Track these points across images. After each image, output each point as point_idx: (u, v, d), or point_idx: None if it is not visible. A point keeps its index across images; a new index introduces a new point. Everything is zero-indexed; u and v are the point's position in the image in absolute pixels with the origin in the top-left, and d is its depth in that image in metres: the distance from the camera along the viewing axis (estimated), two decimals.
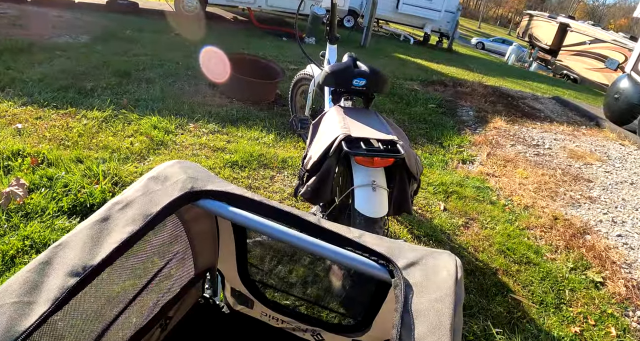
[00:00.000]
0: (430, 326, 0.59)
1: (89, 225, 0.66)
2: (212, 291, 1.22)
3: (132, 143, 2.87)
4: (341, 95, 2.00)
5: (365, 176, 1.47)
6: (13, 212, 2.07)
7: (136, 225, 0.66)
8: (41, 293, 0.56)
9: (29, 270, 0.59)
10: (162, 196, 0.71)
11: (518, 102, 5.59)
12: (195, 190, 0.73)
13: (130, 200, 0.70)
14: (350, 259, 0.69)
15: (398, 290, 0.63)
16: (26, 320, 0.53)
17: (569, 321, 2.08)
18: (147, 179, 0.75)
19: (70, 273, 0.59)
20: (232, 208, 0.73)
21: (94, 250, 0.62)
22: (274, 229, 0.71)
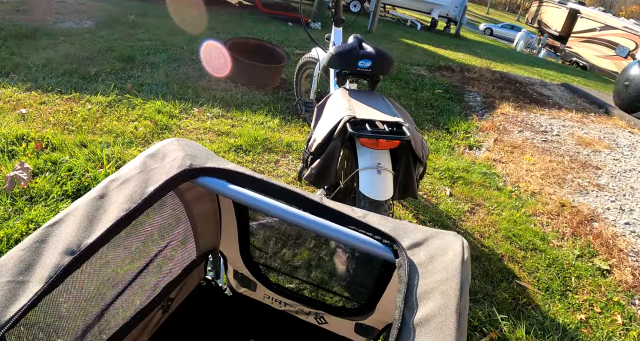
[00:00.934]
0: (435, 308, 0.57)
1: (85, 202, 0.64)
2: (215, 274, 1.21)
3: (136, 128, 2.85)
4: (346, 78, 1.96)
5: (370, 158, 1.44)
6: (17, 196, 2.07)
7: (133, 202, 0.64)
8: (35, 272, 0.54)
9: (23, 248, 0.57)
10: (159, 173, 0.69)
11: (526, 88, 5.50)
12: (194, 167, 0.71)
13: (127, 178, 0.68)
14: (353, 238, 0.67)
15: (402, 270, 0.61)
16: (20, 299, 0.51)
17: (574, 308, 2.06)
18: (145, 156, 0.73)
19: (65, 251, 0.57)
20: (232, 186, 0.71)
21: (90, 228, 0.60)
22: (275, 207, 0.69)
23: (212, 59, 3.71)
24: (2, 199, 2.03)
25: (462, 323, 0.57)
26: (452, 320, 0.55)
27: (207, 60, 3.64)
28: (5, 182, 2.13)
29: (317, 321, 1.18)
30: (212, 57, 3.74)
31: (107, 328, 0.80)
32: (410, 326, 0.54)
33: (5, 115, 2.78)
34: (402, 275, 0.60)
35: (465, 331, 0.58)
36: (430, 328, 0.54)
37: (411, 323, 0.55)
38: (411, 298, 0.58)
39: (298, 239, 1.06)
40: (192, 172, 0.70)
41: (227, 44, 3.79)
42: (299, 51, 5.18)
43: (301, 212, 0.69)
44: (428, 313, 0.56)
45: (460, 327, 0.56)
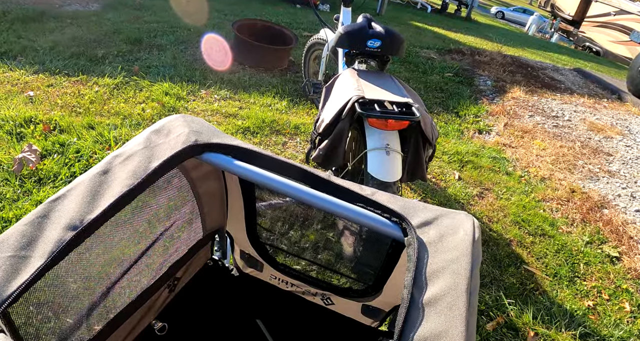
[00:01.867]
0: (445, 287, 0.55)
1: (88, 178, 0.63)
2: (221, 254, 1.21)
3: (144, 110, 2.84)
4: (355, 58, 1.92)
5: (378, 139, 1.42)
6: (26, 178, 2.08)
7: (136, 178, 0.63)
8: (37, 247, 0.54)
9: (25, 223, 0.56)
10: (164, 149, 0.68)
11: (538, 73, 5.39)
12: (199, 143, 0.69)
13: (131, 153, 0.67)
14: (362, 216, 0.65)
15: (411, 249, 0.60)
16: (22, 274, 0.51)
17: (582, 294, 2.05)
18: (149, 132, 0.71)
19: (68, 226, 0.56)
20: (238, 162, 0.69)
21: (93, 203, 0.59)
22: (282, 184, 0.67)
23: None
24: (11, 181, 2.04)
25: (473, 303, 0.56)
26: (462, 300, 0.54)
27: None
28: (14, 164, 2.14)
29: (323, 302, 1.17)
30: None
31: (114, 306, 0.80)
32: (420, 305, 0.53)
33: (13, 97, 2.79)
34: (411, 254, 0.59)
35: (475, 311, 0.57)
36: (440, 307, 0.52)
37: (420, 302, 0.53)
38: (420, 277, 0.56)
39: (305, 220, 1.05)
40: (198, 147, 0.69)
41: (234, 26, 3.74)
42: (306, 33, 5.11)
43: (309, 188, 0.67)
44: (438, 293, 0.54)
45: (471, 307, 0.55)
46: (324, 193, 0.66)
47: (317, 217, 1.04)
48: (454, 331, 0.49)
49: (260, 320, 1.16)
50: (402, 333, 0.49)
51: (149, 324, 0.97)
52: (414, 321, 0.50)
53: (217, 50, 3.75)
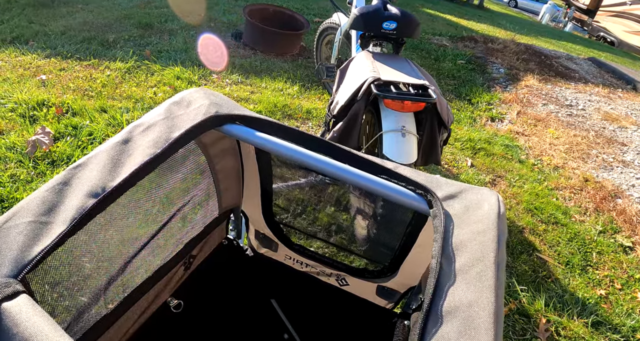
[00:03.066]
0: (473, 258, 0.55)
1: (109, 146, 0.62)
2: (236, 233, 1.21)
3: (156, 94, 2.84)
4: (370, 40, 1.90)
5: (394, 121, 1.40)
6: (40, 160, 2.09)
7: (157, 148, 0.62)
8: (59, 213, 0.53)
9: (47, 189, 0.56)
10: (185, 120, 0.67)
11: (552, 61, 5.30)
12: (220, 114, 0.68)
13: (152, 123, 0.66)
14: (386, 188, 0.64)
15: (437, 220, 0.59)
16: (43, 239, 0.50)
17: (594, 283, 2.03)
18: (170, 103, 0.71)
19: (89, 194, 0.56)
20: (260, 133, 0.68)
21: (114, 171, 0.59)
22: (304, 155, 0.66)
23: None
24: (25, 163, 2.05)
25: (501, 276, 0.55)
26: (491, 270, 0.53)
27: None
28: (27, 146, 2.15)
29: (338, 282, 1.17)
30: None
31: (130, 283, 0.80)
32: (449, 274, 0.52)
33: (26, 81, 2.80)
34: (438, 225, 0.58)
35: (503, 284, 0.56)
36: (469, 277, 0.51)
37: (450, 271, 0.52)
38: (448, 248, 0.55)
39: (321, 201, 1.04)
40: (218, 118, 0.68)
41: (245, 11, 3.71)
42: (317, 19, 5.06)
43: (333, 160, 0.66)
44: (466, 263, 0.53)
45: (499, 279, 0.54)
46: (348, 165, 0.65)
47: (333, 197, 1.03)
48: (484, 301, 0.48)
49: (275, 300, 1.16)
50: (432, 301, 0.48)
51: (164, 301, 0.97)
52: (444, 289, 0.50)
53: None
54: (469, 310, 0.48)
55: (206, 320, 1.11)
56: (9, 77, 2.83)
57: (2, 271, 0.45)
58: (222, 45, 3.79)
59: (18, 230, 0.49)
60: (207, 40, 3.87)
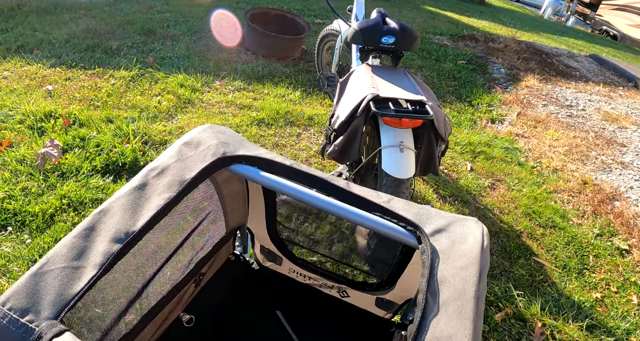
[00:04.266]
0: (454, 293, 0.60)
1: (127, 192, 0.68)
2: (242, 249, 1.27)
3: (160, 102, 2.90)
4: (369, 53, 1.95)
5: (392, 137, 1.46)
6: (49, 172, 2.15)
7: (172, 191, 0.68)
8: (88, 258, 0.59)
9: (75, 236, 0.62)
10: (195, 162, 0.73)
11: (552, 60, 5.32)
12: (227, 155, 0.74)
13: (165, 167, 0.72)
14: (379, 224, 0.70)
15: (425, 256, 0.64)
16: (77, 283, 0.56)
17: (590, 286, 2.08)
18: (180, 145, 0.77)
19: (114, 239, 0.62)
20: (263, 173, 0.74)
21: (134, 216, 0.65)
22: (304, 194, 0.72)
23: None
24: (35, 175, 2.11)
25: (480, 308, 0.61)
26: (470, 305, 0.58)
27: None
28: (37, 159, 2.21)
29: (339, 294, 1.23)
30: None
31: (148, 302, 0.86)
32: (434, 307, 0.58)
33: (33, 92, 2.86)
34: (425, 261, 0.63)
35: (482, 315, 0.62)
36: (450, 311, 0.57)
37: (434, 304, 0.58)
38: (433, 283, 0.61)
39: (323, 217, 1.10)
40: (226, 159, 0.74)
41: (247, 15, 3.76)
42: (318, 20, 5.09)
43: (329, 198, 0.72)
44: (448, 298, 0.59)
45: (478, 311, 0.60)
46: (343, 203, 0.71)
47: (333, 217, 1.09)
48: (463, 334, 0.54)
49: (280, 311, 1.22)
50: (417, 334, 0.54)
51: (177, 317, 1.03)
52: (427, 323, 0.55)
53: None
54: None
55: (216, 332, 1.18)
56: (16, 87, 2.89)
57: (44, 314, 0.51)
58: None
59: (53, 275, 0.55)
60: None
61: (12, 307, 0.52)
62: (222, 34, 3.63)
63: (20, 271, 1.67)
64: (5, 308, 0.52)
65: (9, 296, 0.53)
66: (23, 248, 1.76)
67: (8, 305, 0.52)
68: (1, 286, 1.60)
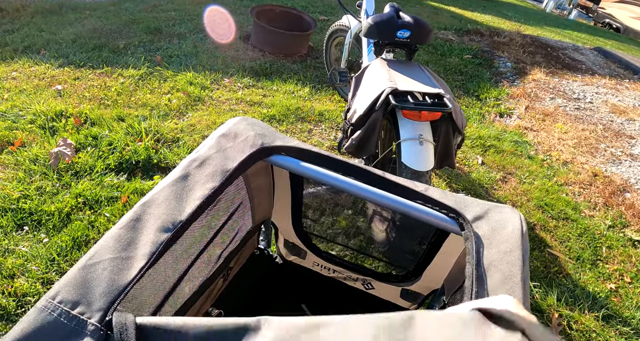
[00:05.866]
0: (502, 277, 0.61)
1: (170, 182, 0.68)
2: (266, 243, 1.27)
3: (170, 100, 2.90)
4: (383, 47, 1.95)
5: (412, 130, 1.46)
6: (63, 171, 2.16)
7: (216, 181, 0.68)
8: (137, 248, 0.59)
9: (121, 227, 0.62)
10: (235, 152, 0.73)
11: (558, 53, 5.31)
12: (266, 146, 0.75)
13: (206, 158, 0.72)
14: (421, 211, 0.70)
15: (469, 242, 0.64)
16: (127, 274, 0.56)
17: (604, 277, 2.09)
18: (219, 136, 0.77)
19: (162, 228, 0.62)
20: (304, 163, 0.74)
21: (180, 206, 0.65)
22: (347, 184, 0.72)
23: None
24: (49, 175, 2.12)
25: (526, 291, 0.61)
26: (519, 287, 0.59)
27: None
28: (50, 158, 2.21)
29: (364, 286, 1.24)
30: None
31: (181, 297, 0.86)
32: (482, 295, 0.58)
33: (42, 92, 2.86)
34: (470, 247, 0.64)
35: (528, 298, 0.62)
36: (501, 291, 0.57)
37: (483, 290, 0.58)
38: (480, 269, 0.61)
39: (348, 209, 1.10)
40: (266, 150, 0.74)
41: (253, 12, 3.75)
42: (323, 17, 5.08)
43: (370, 187, 0.72)
44: (497, 282, 0.59)
45: (525, 294, 0.60)
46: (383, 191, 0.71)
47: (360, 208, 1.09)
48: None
49: (305, 305, 1.23)
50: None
51: (206, 311, 1.04)
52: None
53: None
54: None
55: None
56: (25, 88, 2.89)
57: (96, 306, 0.51)
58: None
59: (102, 266, 0.55)
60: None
61: (62, 300, 0.52)
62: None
63: (38, 270, 1.68)
64: (56, 301, 0.52)
65: (59, 290, 0.53)
66: (40, 247, 1.77)
67: (58, 298, 0.52)
68: (20, 285, 1.61)
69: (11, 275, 1.66)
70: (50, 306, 0.51)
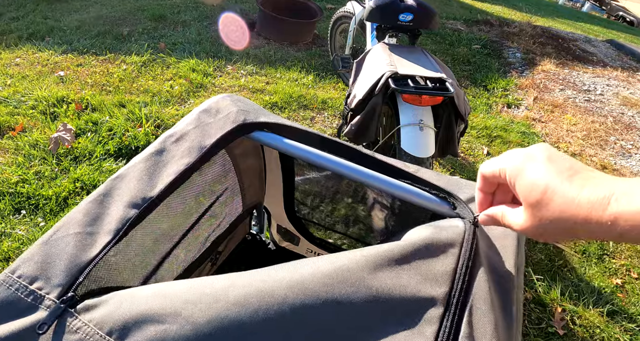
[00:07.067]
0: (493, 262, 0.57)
1: (144, 157, 0.65)
2: (259, 228, 1.24)
3: (172, 87, 2.88)
4: (386, 32, 1.89)
5: (412, 115, 1.41)
6: (62, 156, 2.15)
7: (192, 157, 0.65)
8: (103, 224, 0.56)
9: (90, 201, 0.59)
10: (215, 128, 0.70)
11: (569, 44, 5.19)
12: (248, 122, 0.71)
13: (184, 133, 0.69)
14: (409, 192, 0.66)
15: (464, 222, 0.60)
16: (90, 250, 0.53)
17: (610, 272, 2.03)
18: (199, 112, 0.73)
19: (130, 204, 0.59)
20: (288, 140, 0.71)
21: (152, 181, 0.62)
22: (332, 161, 0.68)
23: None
24: (49, 160, 2.11)
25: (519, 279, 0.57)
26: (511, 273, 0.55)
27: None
28: (50, 143, 2.20)
29: None
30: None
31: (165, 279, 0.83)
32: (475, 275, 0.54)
33: (45, 78, 2.85)
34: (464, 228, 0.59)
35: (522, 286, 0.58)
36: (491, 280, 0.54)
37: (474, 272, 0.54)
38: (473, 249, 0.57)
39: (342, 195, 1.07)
40: (248, 126, 0.71)
41: (258, 0, 3.71)
42: (330, 6, 5.02)
43: (357, 165, 0.68)
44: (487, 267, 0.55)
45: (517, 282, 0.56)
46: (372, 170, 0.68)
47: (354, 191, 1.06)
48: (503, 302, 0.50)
49: None
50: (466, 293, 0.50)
51: None
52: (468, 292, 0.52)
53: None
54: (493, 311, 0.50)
55: None
56: (28, 74, 2.88)
57: (55, 281, 0.49)
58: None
59: (66, 241, 0.53)
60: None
61: (21, 274, 0.50)
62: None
63: None
64: (15, 276, 0.50)
65: (20, 264, 0.51)
66: (37, 231, 1.76)
67: (18, 272, 0.50)
68: None
69: (7, 258, 1.65)
70: (9, 280, 0.49)
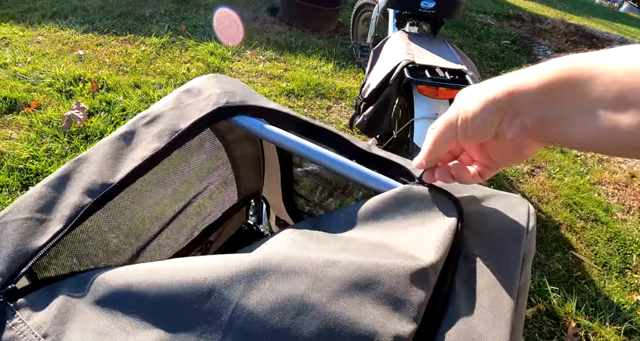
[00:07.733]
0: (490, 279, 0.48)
1: (111, 139, 0.59)
2: (257, 219, 1.19)
3: (189, 70, 2.84)
4: (406, 20, 1.80)
5: (427, 108, 1.32)
6: (74, 134, 2.14)
7: (162, 142, 0.58)
8: (57, 210, 0.51)
9: (45, 184, 0.53)
10: (193, 110, 0.63)
11: (604, 45, 4.96)
12: (229, 105, 0.64)
13: (158, 114, 0.62)
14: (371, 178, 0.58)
15: None
16: (39, 238, 0.48)
17: (632, 288, 1.91)
18: (180, 92, 0.67)
19: (87, 191, 0.53)
20: (270, 126, 0.64)
21: (115, 167, 0.56)
22: (317, 153, 0.61)
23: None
24: (60, 137, 2.10)
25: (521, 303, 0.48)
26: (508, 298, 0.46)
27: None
28: (62, 121, 2.20)
29: None
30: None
31: None
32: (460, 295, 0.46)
33: (64, 56, 2.85)
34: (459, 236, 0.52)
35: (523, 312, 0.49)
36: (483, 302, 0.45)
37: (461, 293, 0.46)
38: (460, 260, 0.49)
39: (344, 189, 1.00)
40: (228, 109, 0.64)
41: None
42: None
43: (345, 159, 0.61)
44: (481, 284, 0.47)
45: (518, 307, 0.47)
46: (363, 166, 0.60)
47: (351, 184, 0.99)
48: (497, 334, 0.41)
49: None
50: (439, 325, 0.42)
51: None
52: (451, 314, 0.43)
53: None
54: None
55: None
56: (48, 52, 2.88)
57: None
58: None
59: (14, 226, 0.47)
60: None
61: None
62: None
63: None
64: None
65: None
66: None
67: None
68: None
69: None
70: None
